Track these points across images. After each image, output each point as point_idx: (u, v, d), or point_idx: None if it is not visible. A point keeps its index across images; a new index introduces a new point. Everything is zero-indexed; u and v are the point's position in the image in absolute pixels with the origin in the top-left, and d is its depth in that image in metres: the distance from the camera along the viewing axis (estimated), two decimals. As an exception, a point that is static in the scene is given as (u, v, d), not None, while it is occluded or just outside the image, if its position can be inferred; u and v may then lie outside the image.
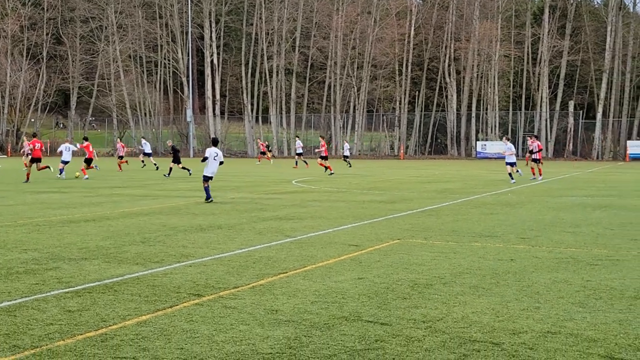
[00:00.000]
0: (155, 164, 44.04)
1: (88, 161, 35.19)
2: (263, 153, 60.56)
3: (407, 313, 7.35)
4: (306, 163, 49.54)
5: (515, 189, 26.78)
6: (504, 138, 32.63)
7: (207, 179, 20.84)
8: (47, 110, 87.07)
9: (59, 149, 35.35)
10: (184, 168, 35.81)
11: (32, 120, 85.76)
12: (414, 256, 10.93)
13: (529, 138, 35.66)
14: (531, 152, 34.10)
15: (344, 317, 7.16)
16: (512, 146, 31.58)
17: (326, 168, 39.07)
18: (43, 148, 33.99)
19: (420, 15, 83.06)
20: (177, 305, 7.70)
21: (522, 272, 9.60)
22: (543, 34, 76.82)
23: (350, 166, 48.99)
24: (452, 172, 42.39)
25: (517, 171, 32.07)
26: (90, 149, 35.71)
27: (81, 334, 6.52)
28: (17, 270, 9.68)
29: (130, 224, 15.21)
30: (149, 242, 12.44)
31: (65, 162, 34.42)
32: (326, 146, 42.64)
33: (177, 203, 20.42)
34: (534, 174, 33.70)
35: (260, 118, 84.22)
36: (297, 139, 56.39)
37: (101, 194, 23.76)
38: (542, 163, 34.25)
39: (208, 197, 20.72)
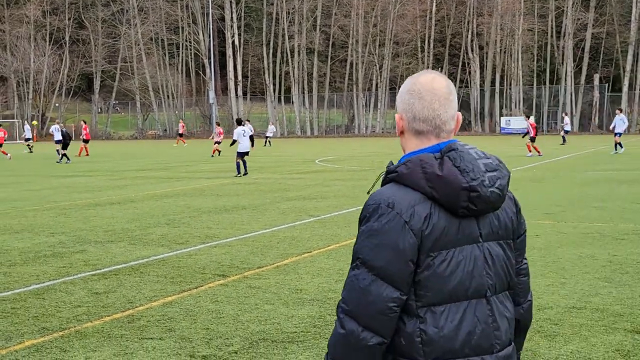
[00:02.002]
0: (29, 147, 47.30)
1: (86, 141, 40.43)
2: (181, 135, 58.80)
3: (431, 290, 7.34)
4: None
5: (539, 164, 26.55)
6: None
7: (240, 155, 23.26)
8: (71, 95, 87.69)
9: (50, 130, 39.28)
10: (64, 155, 33.72)
11: (57, 104, 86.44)
12: (438, 233, 10.88)
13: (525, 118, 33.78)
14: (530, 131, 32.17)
15: (368, 296, 7.17)
16: None
17: (218, 152, 36.38)
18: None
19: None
20: (202, 285, 7.76)
21: (547, 248, 9.54)
22: (567, 7, 75.75)
23: (270, 145, 50.39)
24: (476, 148, 42.10)
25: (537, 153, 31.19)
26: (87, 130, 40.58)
27: (108, 316, 6.60)
28: (45, 253, 9.80)
29: (155, 206, 15.32)
30: (173, 223, 12.53)
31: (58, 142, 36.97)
32: (222, 132, 38.38)
33: (201, 184, 20.52)
34: (530, 150, 31.74)
35: (282, 98, 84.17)
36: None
37: (125, 177, 23.94)
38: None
39: (238, 172, 23.14)
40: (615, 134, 33.32)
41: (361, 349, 2.11)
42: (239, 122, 25.39)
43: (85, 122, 41.43)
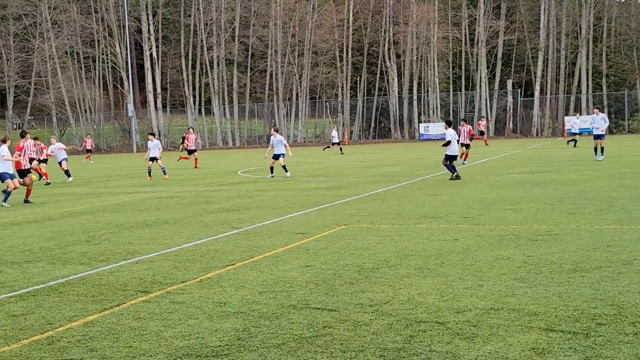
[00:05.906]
0: None
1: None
2: (89, 150, 56.45)
3: (354, 298, 7.44)
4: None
5: (459, 168, 27.13)
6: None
7: (451, 157, 22.81)
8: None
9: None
10: None
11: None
12: (360, 241, 11.04)
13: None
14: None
15: (292, 306, 7.22)
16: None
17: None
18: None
19: (358, 0, 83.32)
20: (124, 303, 7.65)
21: (465, 252, 9.78)
22: (479, 15, 77.89)
23: (342, 152, 47.97)
24: (396, 155, 42.77)
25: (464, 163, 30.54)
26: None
27: (27, 338, 6.44)
28: (-42, 277, 9.47)
29: (74, 223, 15.00)
30: (93, 240, 12.30)
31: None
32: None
33: (122, 200, 20.19)
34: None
35: (203, 110, 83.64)
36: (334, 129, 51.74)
37: (43, 194, 23.34)
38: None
39: (457, 174, 22.49)
40: (595, 137, 29.66)
41: None
42: (449, 124, 24.26)
43: (192, 130, 38.32)
